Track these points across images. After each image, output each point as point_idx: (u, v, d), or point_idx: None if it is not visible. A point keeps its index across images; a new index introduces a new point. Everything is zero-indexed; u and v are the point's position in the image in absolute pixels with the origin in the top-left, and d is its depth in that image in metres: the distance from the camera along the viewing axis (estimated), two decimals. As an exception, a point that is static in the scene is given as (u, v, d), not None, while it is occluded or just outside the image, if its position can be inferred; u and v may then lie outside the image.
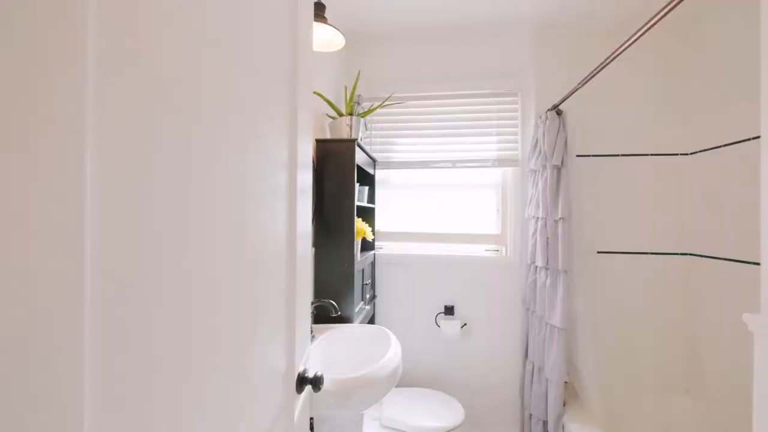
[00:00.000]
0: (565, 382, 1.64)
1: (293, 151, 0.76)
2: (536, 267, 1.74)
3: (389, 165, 2.03)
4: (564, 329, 1.56)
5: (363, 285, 1.67)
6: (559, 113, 1.66)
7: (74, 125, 0.22)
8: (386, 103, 1.82)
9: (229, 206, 0.47)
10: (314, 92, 1.35)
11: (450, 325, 1.89)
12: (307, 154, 0.87)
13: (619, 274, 1.87)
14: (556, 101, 1.77)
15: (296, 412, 0.77)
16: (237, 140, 0.49)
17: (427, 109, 2.01)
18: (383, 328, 1.30)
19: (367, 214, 1.90)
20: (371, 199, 1.94)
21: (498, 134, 1.97)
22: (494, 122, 1.97)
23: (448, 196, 2.07)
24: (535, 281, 1.74)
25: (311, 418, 0.97)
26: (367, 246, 1.87)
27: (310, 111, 0.91)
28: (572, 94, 1.50)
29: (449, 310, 1.97)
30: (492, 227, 2.04)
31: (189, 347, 0.36)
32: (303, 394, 0.83)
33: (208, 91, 0.40)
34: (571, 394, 1.73)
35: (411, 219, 2.09)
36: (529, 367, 1.76)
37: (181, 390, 0.34)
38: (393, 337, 1.19)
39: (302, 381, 0.80)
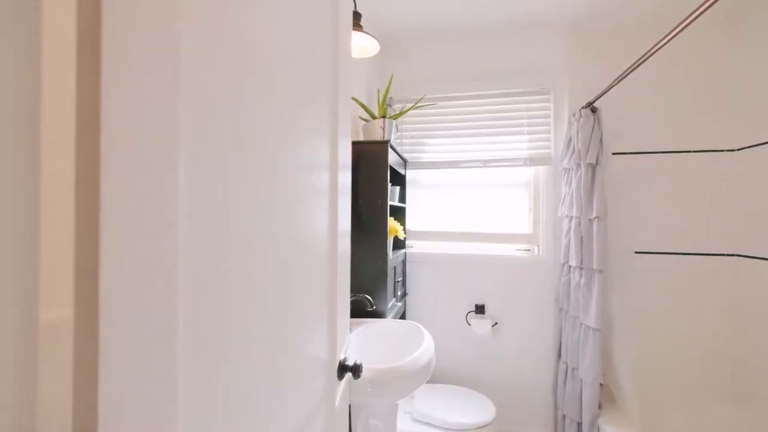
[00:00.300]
0: (601, 384, 1.61)
1: (334, 152, 0.82)
2: (570, 267, 1.72)
3: (420, 165, 2.07)
4: (599, 330, 1.54)
5: (395, 282, 1.72)
6: (593, 110, 1.64)
7: (169, 140, 0.28)
8: (418, 104, 1.86)
9: (285, 205, 0.52)
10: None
11: (481, 324, 1.90)
12: (346, 155, 0.93)
13: (658, 274, 1.81)
14: (590, 98, 1.75)
15: (337, 398, 0.83)
16: (293, 143, 0.54)
17: (458, 109, 2.03)
18: (416, 323, 1.34)
19: (398, 214, 1.94)
20: (402, 198, 1.99)
21: (529, 133, 1.96)
22: (525, 121, 1.96)
23: (478, 196, 2.08)
24: (568, 281, 1.72)
25: (349, 405, 1.02)
26: (398, 244, 1.92)
27: (349, 115, 0.97)
28: (608, 90, 1.47)
29: (480, 309, 1.98)
30: (523, 226, 2.03)
31: (255, 327, 0.41)
32: (343, 381, 0.89)
33: (275, 100, 0.46)
34: (606, 396, 1.69)
35: (441, 218, 2.12)
36: (562, 367, 1.74)
37: (251, 361, 0.40)
38: (426, 332, 1.23)
39: (343, 368, 0.86)
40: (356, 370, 0.89)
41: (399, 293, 1.83)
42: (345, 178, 0.91)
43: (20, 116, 0.17)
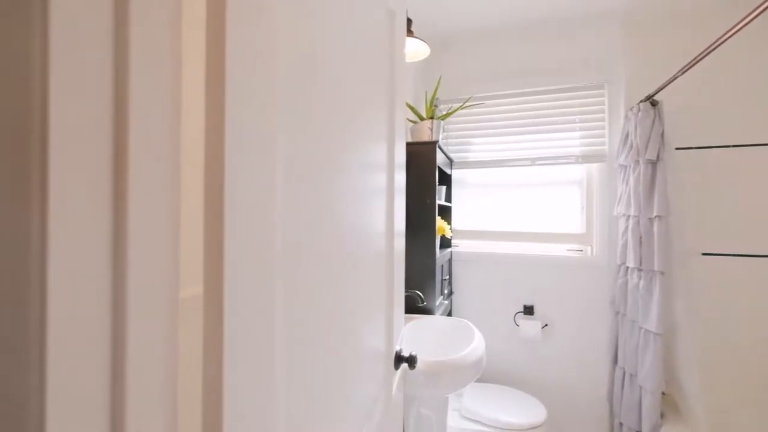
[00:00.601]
0: (663, 393, 1.53)
1: (391, 153, 0.87)
2: (627, 268, 1.64)
3: (466, 164, 2.08)
4: (660, 334, 1.46)
5: (442, 280, 1.74)
6: (654, 104, 1.56)
7: (270, 152, 0.33)
8: (466, 104, 1.87)
9: (353, 203, 0.58)
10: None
11: (530, 325, 1.87)
12: (401, 156, 0.98)
13: (729, 277, 1.67)
14: (649, 91, 1.66)
15: (394, 386, 0.88)
16: (359, 145, 0.60)
17: (505, 107, 2.01)
18: (466, 320, 1.36)
19: (445, 213, 1.96)
20: (448, 197, 2.00)
21: (582, 129, 1.90)
22: (577, 117, 1.90)
23: (526, 195, 2.04)
24: (626, 283, 1.65)
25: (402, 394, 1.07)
26: (444, 243, 1.94)
27: (404, 117, 1.02)
28: (671, 82, 1.40)
29: (528, 310, 1.94)
30: (575, 226, 1.96)
31: (333, 313, 0.46)
32: (399, 371, 0.94)
33: (344, 108, 0.51)
34: (669, 405, 1.60)
35: (487, 218, 2.11)
36: (619, 373, 1.67)
37: (330, 344, 0.45)
38: (476, 330, 1.25)
39: (399, 359, 0.91)
40: (412, 361, 0.93)
41: (446, 291, 1.85)
42: (401, 178, 0.96)
43: (167, 143, 0.23)
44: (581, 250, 1.94)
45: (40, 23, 0.16)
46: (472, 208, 2.14)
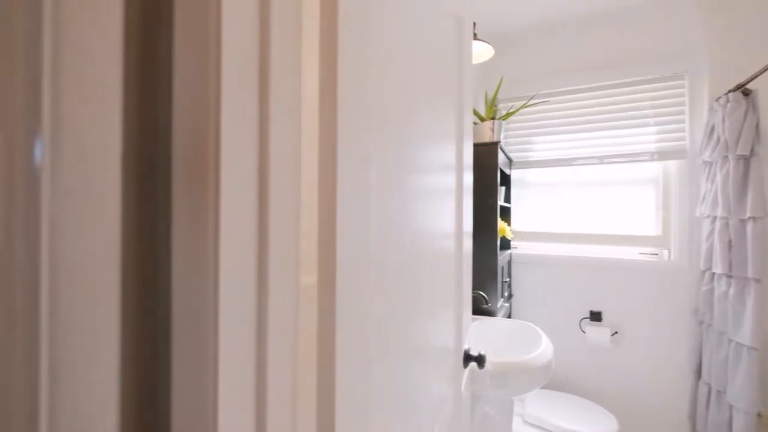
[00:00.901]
0: (759, 414, 1.37)
1: (460, 154, 0.89)
2: (714, 274, 1.50)
3: (526, 164, 2.02)
4: (755, 349, 1.32)
5: (502, 282, 1.71)
6: (746, 93, 1.41)
7: (366, 156, 0.37)
8: (530, 102, 1.83)
9: (429, 204, 0.61)
10: (460, 101, 1.46)
11: (598, 332, 1.78)
12: (469, 157, 0.99)
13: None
14: (739, 80, 1.51)
15: (462, 384, 0.89)
16: (432, 146, 0.63)
17: (569, 104, 1.93)
18: (532, 324, 1.33)
19: (504, 214, 1.93)
20: (507, 198, 1.97)
21: (657, 124, 1.76)
22: (651, 111, 1.77)
23: (592, 194, 1.94)
24: (711, 290, 1.50)
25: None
26: (503, 245, 1.91)
27: (470, 119, 1.04)
28: None
29: (595, 316, 1.84)
30: (650, 228, 1.83)
31: (413, 306, 0.50)
32: (467, 369, 0.95)
33: (420, 111, 0.54)
34: (766, 428, 1.43)
35: (548, 218, 2.03)
36: (703, 389, 1.53)
37: (407, 335, 0.48)
38: (543, 335, 1.22)
39: (467, 357, 0.92)
40: (480, 360, 0.94)
41: (506, 294, 1.82)
42: (468, 179, 0.97)
43: (292, 157, 0.27)
44: (657, 254, 1.80)
45: (215, 66, 0.21)
46: (533, 209, 2.07)
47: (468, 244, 0.97)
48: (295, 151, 0.27)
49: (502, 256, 1.68)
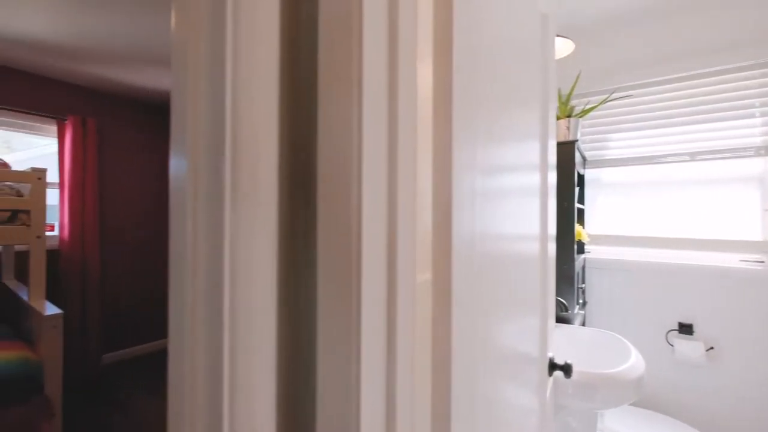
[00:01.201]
0: None
1: (545, 153, 0.85)
2: (841, 286, 1.29)
3: (602, 163, 1.90)
4: None
5: (578, 288, 1.63)
6: None
7: (472, 162, 0.38)
8: (612, 96, 1.71)
9: (517, 206, 0.60)
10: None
11: (689, 347, 1.61)
12: (553, 155, 0.95)
13: None
14: None
15: (547, 392, 0.86)
16: (520, 145, 0.62)
17: (652, 96, 1.78)
18: (619, 336, 1.25)
19: (578, 216, 1.83)
20: (580, 199, 1.86)
21: (763, 115, 1.56)
22: (757, 101, 1.57)
23: (679, 194, 1.76)
24: (838, 305, 1.30)
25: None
26: (578, 249, 1.81)
27: (554, 116, 1.00)
28: None
29: (686, 329, 1.68)
30: (754, 232, 1.62)
31: (502, 309, 0.50)
32: (551, 378, 0.92)
33: (510, 109, 0.54)
34: None
35: (626, 221, 1.88)
36: (827, 418, 1.33)
37: (501, 337, 0.48)
38: (632, 347, 1.14)
39: (552, 366, 0.89)
40: (567, 369, 0.90)
41: (580, 300, 1.72)
42: (553, 179, 0.94)
43: (405, 158, 0.29)
44: (762, 261, 1.60)
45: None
46: (608, 211, 1.94)
47: (552, 247, 0.94)
48: (412, 165, 0.30)
49: (577, 261, 1.60)
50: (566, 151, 1.42)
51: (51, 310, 1.41)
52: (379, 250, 0.26)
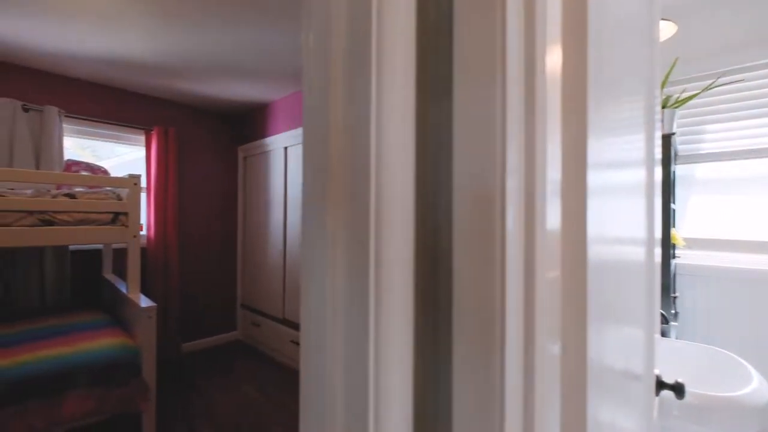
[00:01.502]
0: None
1: (650, 145, 0.77)
2: None
3: (695, 158, 1.69)
4: None
5: (670, 298, 1.46)
6: None
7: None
8: (718, 82, 1.52)
9: (623, 203, 0.54)
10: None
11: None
12: (659, 149, 0.86)
13: None
14: None
15: (654, 412, 0.78)
16: (629, 136, 0.55)
17: (756, 82, 1.55)
18: (734, 355, 1.10)
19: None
20: (672, 198, 1.68)
21: None
22: None
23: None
24: None
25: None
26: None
27: (659, 103, 0.90)
28: None
29: (807, 349, 1.44)
30: None
31: (608, 315, 0.45)
32: (658, 397, 0.83)
33: (618, 97, 0.48)
34: None
35: (725, 222, 1.66)
36: None
37: (609, 349, 0.44)
38: (753, 370, 1.00)
39: (660, 385, 0.80)
40: (679, 390, 0.81)
41: (672, 311, 1.55)
42: (659, 176, 0.85)
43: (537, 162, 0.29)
44: None
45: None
46: (704, 211, 1.72)
47: (659, 253, 0.85)
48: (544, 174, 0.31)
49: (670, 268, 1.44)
50: (662, 144, 1.29)
51: (146, 302, 1.55)
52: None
